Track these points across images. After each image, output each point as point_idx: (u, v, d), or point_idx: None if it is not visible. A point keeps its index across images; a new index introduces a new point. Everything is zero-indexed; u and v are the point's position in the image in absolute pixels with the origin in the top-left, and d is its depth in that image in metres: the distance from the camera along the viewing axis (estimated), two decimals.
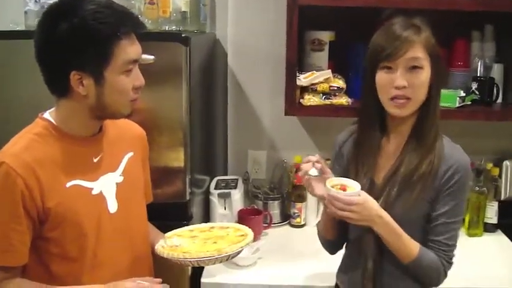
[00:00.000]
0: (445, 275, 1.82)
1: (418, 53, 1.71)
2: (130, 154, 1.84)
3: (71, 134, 1.66)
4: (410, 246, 1.77)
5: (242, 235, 1.88)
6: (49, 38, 1.57)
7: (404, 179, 1.78)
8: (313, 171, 1.82)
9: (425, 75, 1.73)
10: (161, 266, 1.96)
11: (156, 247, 1.78)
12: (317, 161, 1.80)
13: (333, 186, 1.73)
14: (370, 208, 1.71)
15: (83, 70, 1.56)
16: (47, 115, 1.68)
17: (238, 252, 1.81)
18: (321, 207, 2.16)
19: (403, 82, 1.72)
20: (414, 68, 1.72)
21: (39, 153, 1.59)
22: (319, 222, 2.04)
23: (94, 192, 1.68)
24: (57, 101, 1.67)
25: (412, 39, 1.71)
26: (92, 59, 1.55)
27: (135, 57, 1.62)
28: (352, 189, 1.73)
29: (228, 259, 1.80)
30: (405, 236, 1.76)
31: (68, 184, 1.63)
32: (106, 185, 1.72)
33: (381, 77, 1.76)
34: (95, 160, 1.71)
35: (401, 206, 1.75)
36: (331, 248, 2.05)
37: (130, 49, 1.59)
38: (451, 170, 1.76)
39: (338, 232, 1.97)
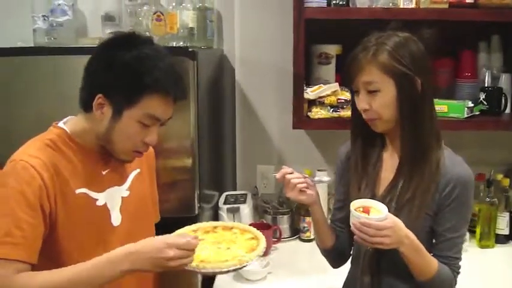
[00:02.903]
0: (455, 285, 1.81)
1: (372, 76, 1.70)
2: (137, 171, 1.86)
3: (83, 145, 1.69)
4: (430, 263, 1.74)
5: (252, 238, 1.86)
6: (101, 53, 1.66)
7: (401, 194, 1.77)
8: (325, 178, 1.85)
9: (385, 96, 1.71)
10: (168, 281, 1.96)
11: None
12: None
13: (355, 209, 1.68)
14: (400, 229, 1.66)
15: (108, 98, 1.61)
16: (61, 124, 1.71)
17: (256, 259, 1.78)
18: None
19: (364, 105, 1.74)
20: (371, 91, 1.72)
21: (52, 157, 1.62)
22: (314, 234, 2.03)
23: (98, 203, 1.70)
24: (78, 113, 1.71)
25: (363, 64, 1.71)
26: (120, 94, 1.61)
27: (158, 116, 1.64)
28: (375, 210, 1.68)
29: (246, 266, 1.75)
30: (426, 253, 1.74)
31: (77, 191, 1.65)
32: (111, 198, 1.74)
33: (354, 98, 1.80)
34: (104, 173, 1.73)
35: (402, 221, 1.70)
36: (333, 258, 2.03)
37: (158, 107, 1.63)
38: (451, 183, 1.74)
39: (334, 238, 1.96)
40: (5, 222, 1.52)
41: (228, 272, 1.71)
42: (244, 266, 1.72)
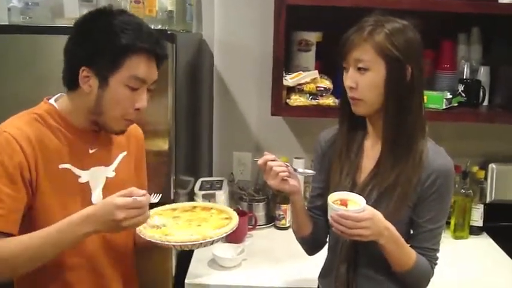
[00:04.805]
0: (432, 275, 1.82)
1: (364, 54, 1.70)
2: (125, 153, 1.86)
3: (71, 122, 1.71)
4: (409, 255, 1.75)
5: (226, 218, 1.88)
6: (77, 30, 1.67)
7: (382, 183, 1.76)
8: (310, 170, 1.91)
9: (373, 76, 1.70)
10: (144, 265, 1.95)
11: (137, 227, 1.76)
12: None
13: (333, 202, 1.68)
14: (379, 221, 1.66)
15: (92, 69, 1.63)
16: (52, 101, 1.73)
17: (222, 237, 1.79)
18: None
19: (351, 83, 1.74)
20: (360, 69, 1.71)
21: (38, 131, 1.65)
22: (292, 222, 2.02)
23: (81, 180, 1.72)
24: (66, 94, 1.73)
25: (357, 41, 1.70)
26: (102, 61, 1.62)
27: (143, 76, 1.65)
28: (353, 202, 1.68)
29: (213, 243, 1.78)
30: (405, 245, 1.74)
31: (61, 166, 1.67)
32: (95, 177, 1.75)
33: (343, 76, 1.78)
34: (91, 151, 1.75)
35: (382, 211, 1.70)
36: (309, 246, 2.02)
37: (141, 67, 1.64)
38: (433, 175, 1.74)
39: (312, 226, 1.96)
40: None
41: (192, 246, 1.73)
42: (210, 243, 1.74)
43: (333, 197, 1.70)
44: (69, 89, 1.70)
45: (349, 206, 1.66)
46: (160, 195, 1.77)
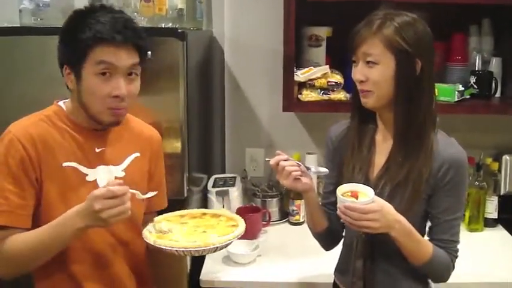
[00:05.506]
0: (453, 268, 1.82)
1: (373, 48, 1.69)
2: (137, 155, 1.87)
3: (76, 122, 1.75)
4: (424, 247, 1.74)
5: (233, 225, 1.86)
6: (61, 29, 1.71)
7: (394, 177, 1.76)
8: (323, 169, 1.87)
9: (382, 70, 1.70)
10: (159, 263, 1.96)
11: (143, 232, 1.78)
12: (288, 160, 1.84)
13: (343, 194, 1.68)
14: (388, 213, 1.66)
15: (69, 65, 1.68)
16: (60, 103, 1.79)
17: (227, 245, 1.78)
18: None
19: (360, 76, 1.74)
20: (369, 63, 1.71)
21: (43, 131, 1.70)
22: (307, 218, 2.02)
23: (88, 178, 1.74)
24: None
25: (366, 35, 1.70)
26: (72, 56, 1.66)
27: (109, 60, 1.63)
28: (363, 194, 1.68)
29: (216, 251, 1.77)
30: (420, 237, 1.74)
31: (64, 164, 1.71)
32: (103, 175, 1.76)
33: (352, 69, 1.78)
34: (97, 150, 1.77)
35: (397, 205, 1.70)
36: (325, 241, 2.03)
37: (104, 52, 1.63)
38: (445, 165, 1.73)
39: (327, 221, 1.95)
40: None
41: (195, 252, 1.72)
42: (214, 250, 1.73)
43: (342, 189, 1.70)
44: (67, 88, 1.74)
45: (360, 197, 1.67)
46: (155, 192, 1.77)
